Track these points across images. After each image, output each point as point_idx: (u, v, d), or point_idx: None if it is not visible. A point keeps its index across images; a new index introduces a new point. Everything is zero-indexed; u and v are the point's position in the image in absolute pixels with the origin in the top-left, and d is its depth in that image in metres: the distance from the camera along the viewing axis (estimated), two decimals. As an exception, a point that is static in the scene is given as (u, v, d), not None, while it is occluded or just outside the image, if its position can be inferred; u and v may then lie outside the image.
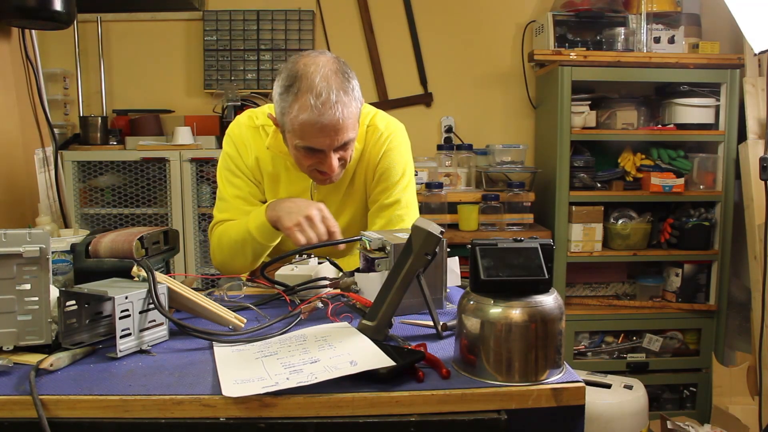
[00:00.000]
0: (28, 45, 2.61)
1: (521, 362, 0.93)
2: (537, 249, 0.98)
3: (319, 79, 1.38)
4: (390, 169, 1.62)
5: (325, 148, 1.43)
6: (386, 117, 1.67)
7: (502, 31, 3.20)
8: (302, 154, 1.46)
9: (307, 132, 1.40)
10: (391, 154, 1.62)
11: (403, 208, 1.62)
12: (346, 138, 1.43)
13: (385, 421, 0.88)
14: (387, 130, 1.63)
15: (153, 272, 1.09)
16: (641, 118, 2.90)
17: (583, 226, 2.82)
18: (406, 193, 1.64)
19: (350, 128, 1.43)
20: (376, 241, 1.27)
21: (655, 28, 2.83)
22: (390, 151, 1.62)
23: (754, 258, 2.64)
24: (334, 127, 1.39)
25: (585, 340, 2.94)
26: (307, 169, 1.50)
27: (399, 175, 1.63)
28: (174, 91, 3.18)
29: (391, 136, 1.63)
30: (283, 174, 1.63)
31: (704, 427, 2.62)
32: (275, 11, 3.06)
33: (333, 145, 1.42)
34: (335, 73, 1.40)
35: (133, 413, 0.87)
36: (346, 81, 1.41)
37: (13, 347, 1.03)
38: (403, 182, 1.63)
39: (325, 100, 1.36)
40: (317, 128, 1.39)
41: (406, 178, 1.65)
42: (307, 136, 1.41)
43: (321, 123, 1.38)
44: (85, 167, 2.80)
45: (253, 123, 1.63)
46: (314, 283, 1.35)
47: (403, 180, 1.63)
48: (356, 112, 1.44)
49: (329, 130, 1.39)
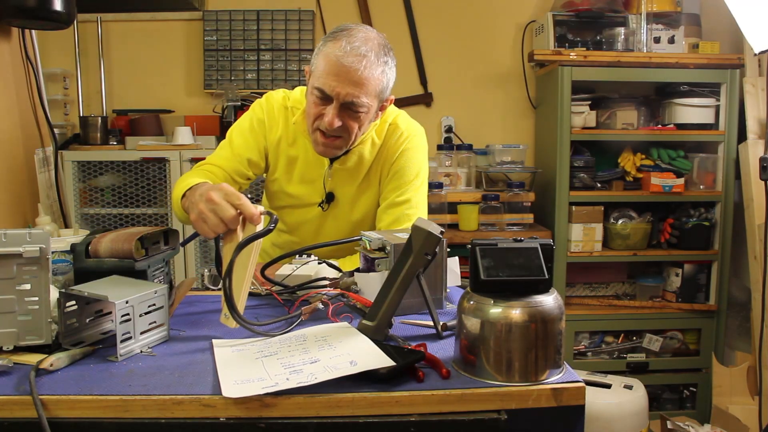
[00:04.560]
0: (28, 45, 2.62)
1: (521, 362, 0.93)
2: (537, 249, 0.98)
3: (360, 36, 1.44)
4: (405, 168, 1.63)
5: (334, 96, 1.43)
6: (408, 119, 1.69)
7: (502, 31, 3.20)
8: (312, 100, 1.47)
9: (325, 69, 1.43)
10: (408, 154, 1.63)
11: (413, 208, 1.63)
12: (358, 96, 1.43)
13: (385, 421, 0.88)
14: (408, 130, 1.65)
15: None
16: (641, 118, 2.90)
17: (583, 226, 2.82)
18: (418, 194, 1.65)
19: (366, 89, 1.44)
20: (376, 241, 1.27)
21: (655, 28, 2.83)
22: (407, 150, 1.63)
23: (754, 258, 2.64)
24: (351, 75, 1.41)
25: (585, 340, 2.94)
26: (312, 125, 1.50)
27: (413, 176, 1.64)
28: (174, 91, 3.18)
29: (410, 137, 1.64)
30: (301, 157, 1.63)
31: (704, 427, 2.62)
32: (275, 11, 3.06)
33: (342, 94, 1.42)
34: (377, 42, 1.46)
35: (133, 413, 0.87)
36: (384, 52, 1.46)
37: (13, 347, 1.03)
38: (416, 183, 1.64)
39: (355, 48, 1.41)
40: (336, 67, 1.41)
41: (420, 179, 1.66)
42: (324, 73, 1.43)
43: (341, 63, 1.40)
44: (85, 167, 2.80)
45: (285, 103, 1.64)
46: (314, 283, 1.35)
47: (416, 181, 1.64)
48: (379, 81, 1.46)
49: (345, 74, 1.41)
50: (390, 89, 1.53)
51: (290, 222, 1.72)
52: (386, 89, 1.50)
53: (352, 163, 1.61)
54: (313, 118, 1.49)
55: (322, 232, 1.69)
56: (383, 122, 1.62)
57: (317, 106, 1.47)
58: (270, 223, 1.14)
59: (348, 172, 1.62)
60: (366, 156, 1.62)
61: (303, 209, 1.68)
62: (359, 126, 1.50)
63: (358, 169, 1.62)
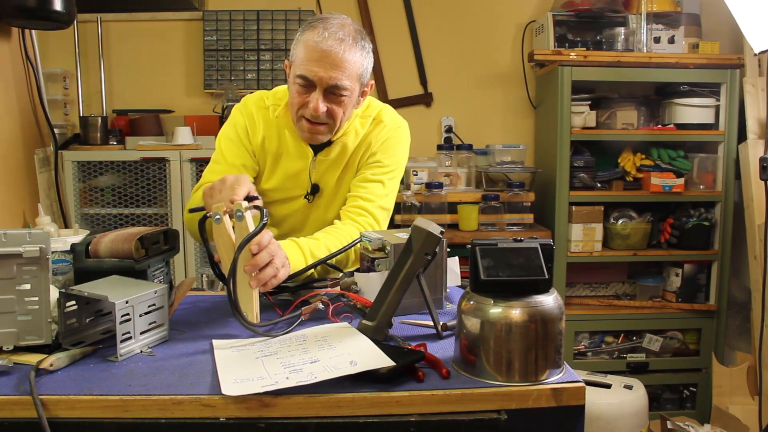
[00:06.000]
0: (28, 45, 2.62)
1: (521, 362, 0.93)
2: (537, 249, 0.98)
3: (336, 23, 1.47)
4: (384, 158, 1.66)
5: (317, 81, 1.46)
6: (393, 112, 1.71)
7: (502, 31, 3.20)
8: (296, 89, 1.50)
9: (306, 56, 1.46)
10: (389, 143, 1.66)
11: (382, 190, 1.64)
12: (340, 79, 1.46)
13: (385, 421, 0.88)
14: (391, 123, 1.68)
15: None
16: (641, 118, 2.90)
17: (583, 226, 2.82)
18: (391, 182, 1.67)
19: (347, 71, 1.46)
20: (376, 241, 1.27)
21: (655, 28, 2.83)
22: (389, 140, 1.66)
23: (754, 258, 2.64)
24: (332, 59, 1.44)
25: (585, 340, 2.94)
26: (297, 114, 1.53)
27: (390, 164, 1.66)
28: (174, 91, 3.18)
29: (394, 130, 1.67)
30: (284, 152, 1.65)
31: (704, 427, 2.62)
32: (275, 11, 3.06)
33: (324, 78, 1.45)
34: (353, 28, 1.50)
35: (133, 413, 0.87)
36: (360, 37, 1.50)
37: (13, 347, 1.03)
38: (392, 172, 1.67)
39: (332, 33, 1.45)
40: (316, 52, 1.44)
41: (396, 171, 1.68)
42: (305, 60, 1.46)
43: (321, 48, 1.43)
44: (85, 167, 2.80)
45: (263, 103, 1.66)
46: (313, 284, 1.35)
47: (392, 172, 1.67)
48: (359, 64, 1.49)
49: (326, 58, 1.44)
50: (369, 74, 1.56)
51: (276, 215, 1.73)
52: (366, 73, 1.54)
53: (335, 153, 1.63)
54: (297, 107, 1.52)
55: (307, 223, 1.71)
56: (367, 115, 1.65)
57: (301, 94, 1.50)
58: (261, 218, 1.16)
59: (331, 162, 1.64)
60: (349, 146, 1.64)
61: (289, 203, 1.70)
62: (343, 111, 1.52)
63: (341, 158, 1.65)
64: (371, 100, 1.70)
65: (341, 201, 1.67)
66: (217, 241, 1.21)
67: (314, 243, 1.44)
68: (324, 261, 1.41)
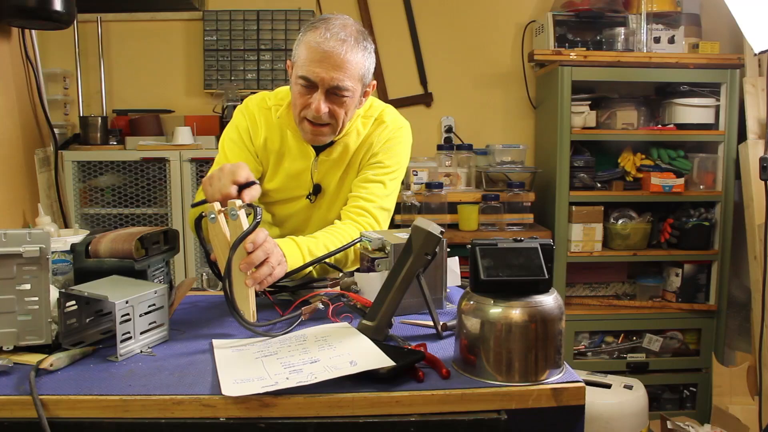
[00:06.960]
0: (28, 45, 2.62)
1: (521, 362, 0.93)
2: (537, 249, 0.98)
3: (338, 23, 1.47)
4: (385, 159, 1.65)
5: (318, 82, 1.45)
6: (395, 113, 1.71)
7: (502, 31, 3.20)
8: (297, 90, 1.49)
9: (308, 56, 1.45)
10: (390, 144, 1.66)
11: (383, 191, 1.64)
12: (342, 79, 1.45)
13: (385, 421, 0.88)
14: (393, 123, 1.67)
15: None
16: (641, 118, 2.90)
17: (583, 226, 2.82)
18: (392, 183, 1.67)
19: (349, 72, 1.46)
20: (376, 241, 1.27)
21: (655, 28, 2.83)
22: (391, 140, 1.66)
23: (754, 258, 2.64)
24: (333, 60, 1.44)
25: (585, 340, 2.94)
26: (299, 115, 1.52)
27: (392, 164, 1.66)
28: (174, 91, 3.18)
29: (396, 130, 1.67)
30: (287, 152, 1.65)
31: (704, 427, 2.62)
32: (275, 11, 3.06)
33: (326, 79, 1.45)
34: (355, 28, 1.49)
35: (133, 413, 0.88)
36: (362, 37, 1.50)
37: (13, 347, 1.03)
38: (393, 173, 1.66)
39: (334, 34, 1.45)
40: (318, 53, 1.44)
41: (398, 172, 1.68)
42: (307, 61, 1.45)
43: (322, 49, 1.43)
44: (85, 167, 2.80)
45: (265, 104, 1.66)
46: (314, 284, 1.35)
47: (394, 172, 1.67)
48: (361, 65, 1.49)
49: (327, 59, 1.44)
50: (371, 74, 1.56)
51: (279, 216, 1.73)
52: (368, 74, 1.53)
53: (337, 153, 1.63)
54: (299, 108, 1.51)
55: (309, 223, 1.71)
56: (369, 116, 1.65)
57: (302, 95, 1.49)
58: (255, 217, 1.16)
59: (333, 162, 1.64)
60: (351, 146, 1.64)
61: (291, 203, 1.70)
62: (345, 112, 1.52)
63: (342, 158, 1.64)
64: (373, 100, 1.69)
65: (343, 201, 1.67)
66: (213, 240, 1.21)
67: (313, 241, 1.44)
68: (322, 259, 1.41)
